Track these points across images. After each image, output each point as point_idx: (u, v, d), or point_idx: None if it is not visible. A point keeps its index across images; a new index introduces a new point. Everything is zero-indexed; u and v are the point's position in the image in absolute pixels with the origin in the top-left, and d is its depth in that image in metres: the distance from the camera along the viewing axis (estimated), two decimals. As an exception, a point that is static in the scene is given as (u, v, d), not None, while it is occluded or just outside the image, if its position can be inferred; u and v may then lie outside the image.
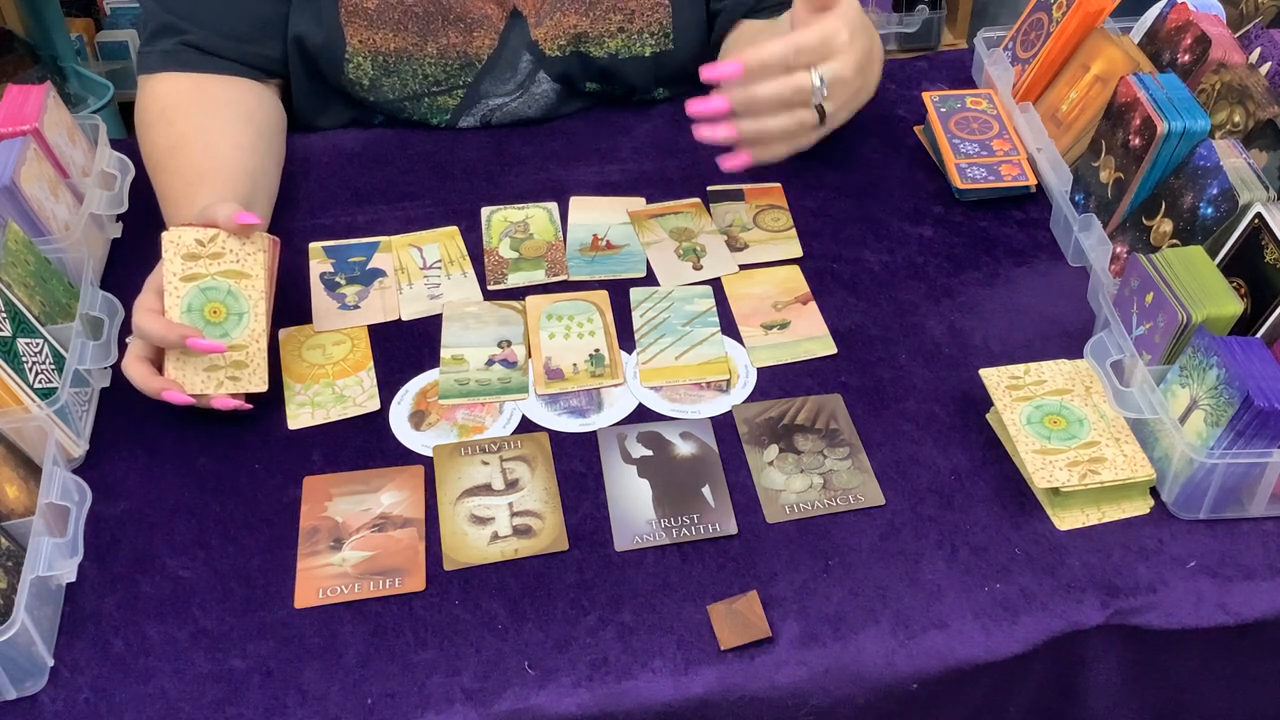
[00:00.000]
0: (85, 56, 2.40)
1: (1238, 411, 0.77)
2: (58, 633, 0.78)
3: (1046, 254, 1.07)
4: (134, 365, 0.89)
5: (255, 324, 0.89)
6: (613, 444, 0.89)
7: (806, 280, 1.04)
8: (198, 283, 0.88)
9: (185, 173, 1.02)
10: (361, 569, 0.81)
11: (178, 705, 0.73)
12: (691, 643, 0.76)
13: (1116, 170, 1.00)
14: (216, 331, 0.88)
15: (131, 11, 2.48)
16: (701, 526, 0.83)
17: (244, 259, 0.89)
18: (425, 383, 0.95)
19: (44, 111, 1.02)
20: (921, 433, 0.90)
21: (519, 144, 1.19)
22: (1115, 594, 0.79)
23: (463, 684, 0.74)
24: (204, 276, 0.88)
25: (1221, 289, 0.84)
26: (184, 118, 1.07)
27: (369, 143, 1.20)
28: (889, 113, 1.24)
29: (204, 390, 0.88)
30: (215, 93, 1.10)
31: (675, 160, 1.17)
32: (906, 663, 0.76)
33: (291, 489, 0.86)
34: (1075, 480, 0.83)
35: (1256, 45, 1.04)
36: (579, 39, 1.17)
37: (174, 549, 0.82)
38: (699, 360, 0.96)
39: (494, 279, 1.04)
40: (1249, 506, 0.83)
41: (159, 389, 0.88)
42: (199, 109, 1.08)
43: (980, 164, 1.11)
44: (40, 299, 0.91)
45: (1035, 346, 0.97)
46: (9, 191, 0.93)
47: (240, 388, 0.89)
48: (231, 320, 0.88)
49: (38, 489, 0.81)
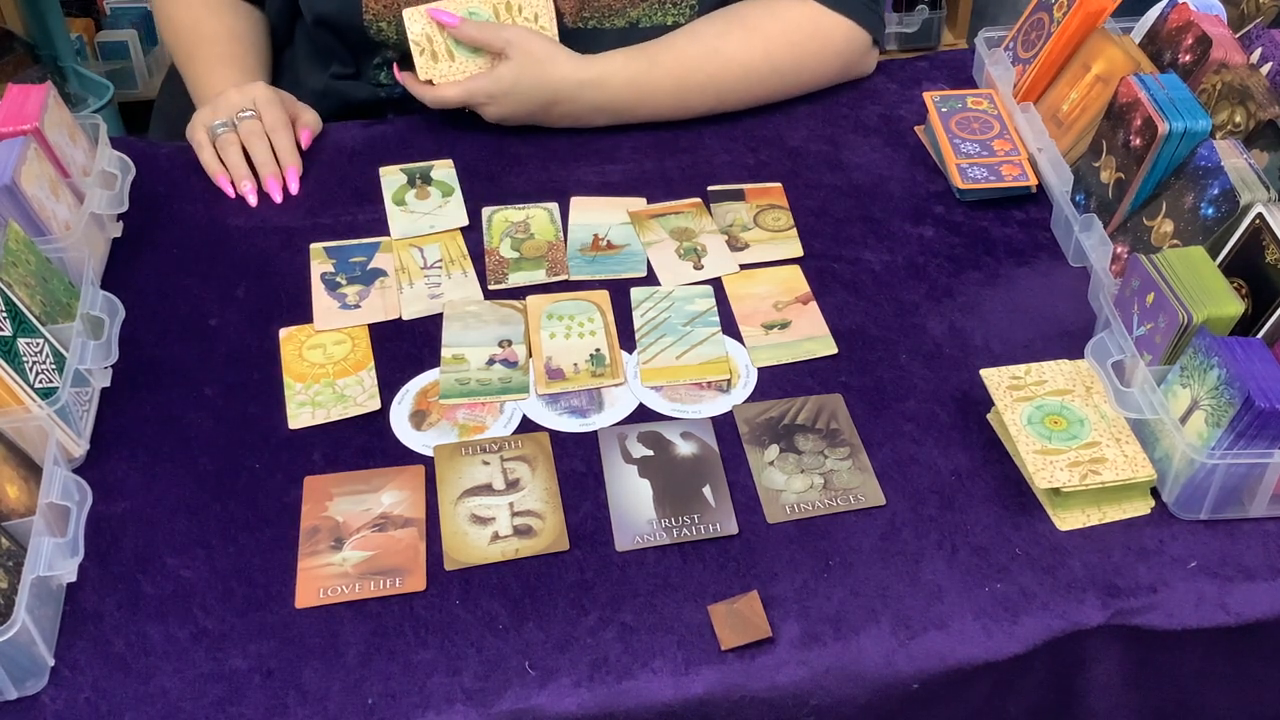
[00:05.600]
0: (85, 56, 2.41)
1: (1238, 412, 0.77)
2: (58, 632, 0.77)
3: (1047, 254, 1.07)
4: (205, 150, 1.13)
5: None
6: (613, 444, 0.89)
7: (807, 280, 1.04)
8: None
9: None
10: (362, 569, 0.81)
11: (178, 705, 0.73)
12: (692, 643, 0.76)
13: (1117, 170, 1.00)
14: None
15: (131, 11, 2.48)
16: (702, 526, 0.83)
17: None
18: (426, 382, 0.95)
19: (44, 111, 1.02)
20: (922, 433, 0.90)
21: (519, 144, 1.19)
22: (1116, 594, 0.79)
23: (463, 684, 0.74)
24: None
25: (1222, 289, 0.84)
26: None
27: (370, 142, 1.20)
28: (890, 113, 1.24)
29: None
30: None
31: (676, 160, 1.17)
32: (907, 663, 0.76)
33: (292, 489, 0.86)
34: (1076, 480, 0.83)
35: (1257, 45, 1.04)
36: (603, 12, 1.19)
37: (174, 549, 0.82)
38: (700, 360, 0.96)
39: (495, 279, 1.04)
40: (1250, 507, 0.83)
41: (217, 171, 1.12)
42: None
43: (981, 164, 1.11)
44: (41, 299, 0.91)
45: (1036, 347, 0.97)
46: (9, 191, 0.93)
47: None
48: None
49: (38, 489, 0.81)
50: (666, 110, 1.19)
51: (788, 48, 1.18)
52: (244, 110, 1.14)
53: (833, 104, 1.25)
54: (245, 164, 1.13)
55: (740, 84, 1.18)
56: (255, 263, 1.06)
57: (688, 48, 1.17)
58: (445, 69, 1.15)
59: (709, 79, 1.17)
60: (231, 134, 1.14)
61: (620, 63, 1.16)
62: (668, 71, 1.16)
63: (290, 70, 1.31)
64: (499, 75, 1.14)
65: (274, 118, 1.14)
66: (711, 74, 1.17)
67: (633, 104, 1.17)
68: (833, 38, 1.20)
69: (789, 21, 1.18)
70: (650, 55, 1.16)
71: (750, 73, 1.18)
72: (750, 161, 1.17)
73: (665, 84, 1.16)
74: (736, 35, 1.17)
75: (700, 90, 1.17)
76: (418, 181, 1.14)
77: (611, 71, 1.15)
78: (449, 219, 1.10)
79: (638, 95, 1.16)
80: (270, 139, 1.14)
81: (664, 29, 1.20)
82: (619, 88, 1.16)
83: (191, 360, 0.96)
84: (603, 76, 1.15)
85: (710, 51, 1.16)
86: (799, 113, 1.23)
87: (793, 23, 1.18)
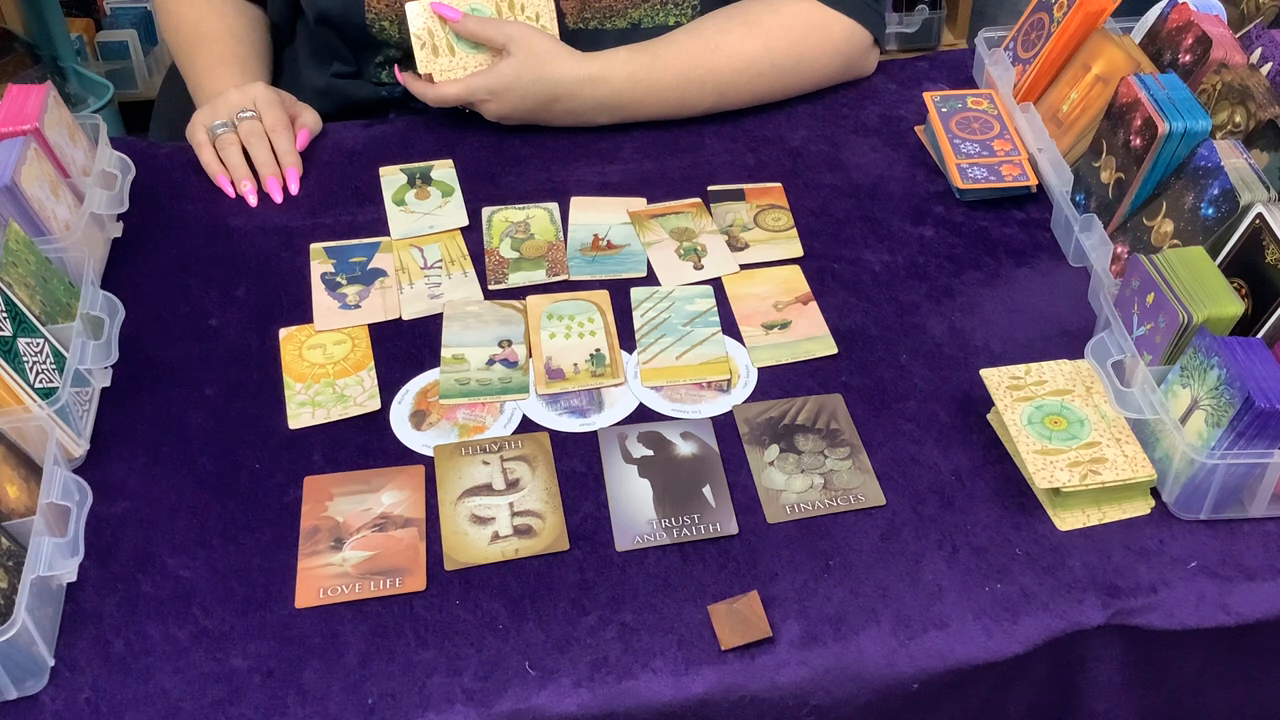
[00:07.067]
0: (85, 56, 2.40)
1: (1239, 412, 0.77)
2: (58, 632, 0.77)
3: (1047, 254, 1.07)
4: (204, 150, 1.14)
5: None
6: (613, 444, 0.89)
7: (807, 280, 1.04)
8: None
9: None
10: (362, 569, 0.81)
11: (178, 705, 0.73)
12: (692, 643, 0.76)
13: (1117, 170, 1.00)
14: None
15: (131, 11, 2.48)
16: (702, 526, 0.83)
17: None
18: (426, 382, 0.95)
19: (44, 111, 1.02)
20: (922, 433, 0.90)
21: (519, 144, 1.19)
22: (1116, 594, 0.79)
23: (463, 684, 0.74)
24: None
25: (1222, 289, 0.84)
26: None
27: (370, 142, 1.20)
28: (890, 113, 1.24)
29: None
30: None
31: (676, 160, 1.17)
32: (907, 663, 0.76)
33: (292, 489, 0.86)
34: (1076, 480, 0.83)
35: (1257, 46, 1.04)
36: (605, 12, 1.19)
37: (174, 549, 0.82)
38: (700, 360, 0.96)
39: (495, 279, 1.04)
40: (1250, 507, 0.83)
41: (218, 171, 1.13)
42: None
43: (981, 164, 1.11)
44: (41, 299, 0.91)
45: (1036, 347, 0.97)
46: (10, 191, 0.93)
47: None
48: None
49: (38, 489, 0.81)
50: (668, 107, 1.19)
51: (787, 43, 1.19)
52: (244, 110, 1.14)
53: (833, 104, 1.25)
54: (245, 164, 1.13)
55: (740, 79, 1.18)
56: (255, 263, 1.06)
57: (688, 43, 1.17)
58: (446, 64, 1.15)
59: (709, 74, 1.17)
60: (231, 134, 1.14)
61: (621, 59, 1.16)
62: (668, 67, 1.16)
63: (291, 69, 1.31)
64: (500, 71, 1.14)
65: (274, 118, 1.15)
66: (711, 68, 1.17)
67: (634, 101, 1.17)
68: (832, 34, 1.20)
69: (789, 17, 1.19)
70: (651, 51, 1.16)
71: (750, 67, 1.18)
72: (750, 161, 1.17)
73: (666, 80, 1.16)
74: (737, 31, 1.17)
75: (701, 86, 1.17)
76: (418, 181, 1.14)
77: (613, 68, 1.15)
78: (449, 219, 1.10)
79: (639, 92, 1.16)
80: (270, 139, 1.14)
81: (665, 29, 1.20)
82: (620, 84, 1.16)
83: (191, 360, 0.96)
84: (604, 73, 1.15)
85: (710, 47, 1.17)
86: (799, 113, 1.23)
87: (793, 19, 1.19)
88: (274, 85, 1.20)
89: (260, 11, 1.30)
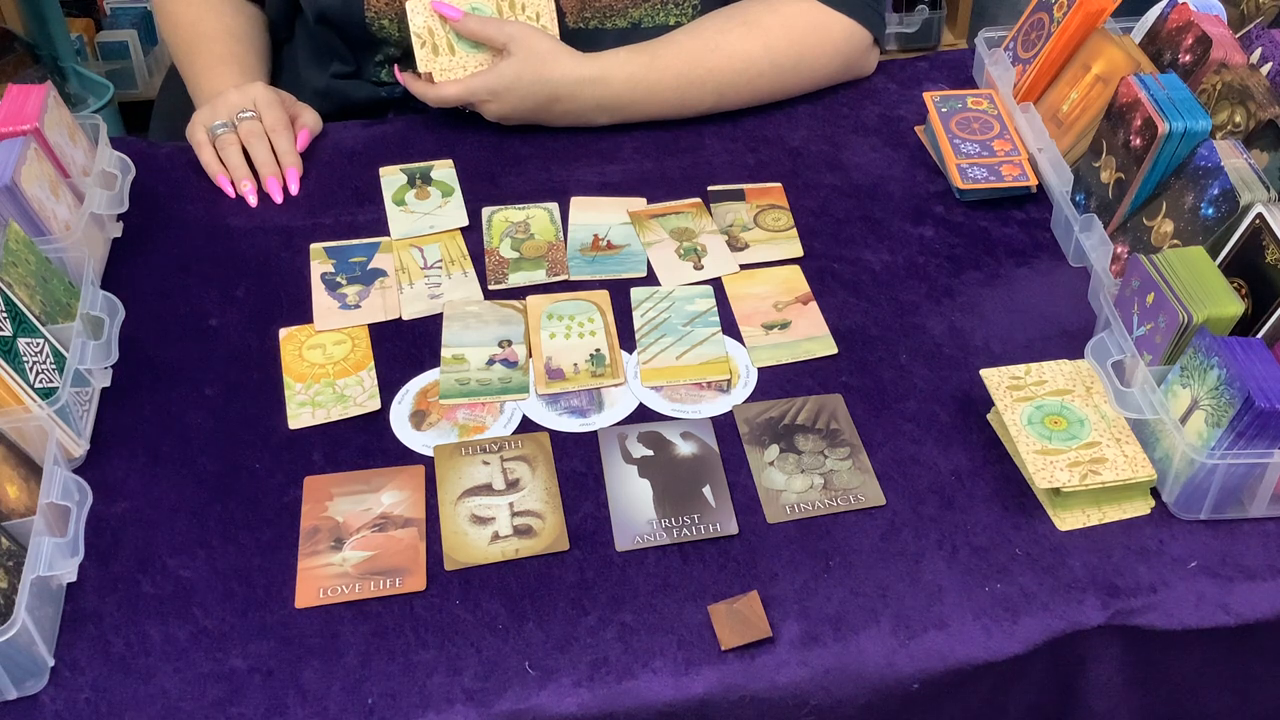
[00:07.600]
0: (85, 56, 2.40)
1: (1239, 412, 0.77)
2: (58, 632, 0.77)
3: (1047, 254, 1.07)
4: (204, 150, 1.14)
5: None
6: (613, 444, 0.89)
7: (807, 280, 1.04)
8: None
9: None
10: (362, 569, 0.81)
11: (178, 705, 0.73)
12: (692, 643, 0.76)
13: (1117, 170, 1.00)
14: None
15: (131, 11, 2.48)
16: (702, 526, 0.83)
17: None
18: (426, 382, 0.95)
19: (44, 111, 1.02)
20: (922, 433, 0.90)
21: (519, 144, 1.19)
22: (1116, 594, 0.79)
23: (463, 684, 0.74)
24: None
25: (1222, 289, 0.84)
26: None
27: (370, 142, 1.20)
28: (890, 113, 1.24)
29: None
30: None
31: (676, 160, 1.17)
32: (907, 663, 0.76)
33: (292, 489, 0.86)
34: (1076, 480, 0.83)
35: (1257, 45, 1.04)
36: (605, 12, 1.20)
37: (174, 549, 0.82)
38: (700, 360, 0.96)
39: (495, 279, 1.04)
40: (1250, 507, 0.83)
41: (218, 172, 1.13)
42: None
43: (981, 164, 1.11)
44: (41, 299, 0.91)
45: (1036, 347, 0.97)
46: (10, 191, 0.93)
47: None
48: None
49: (38, 489, 0.81)
50: (668, 107, 1.19)
51: (787, 42, 1.19)
52: (244, 110, 1.14)
53: (833, 104, 1.25)
54: (245, 164, 1.13)
55: (740, 78, 1.18)
56: (255, 263, 1.06)
57: (688, 44, 1.17)
58: (446, 63, 1.15)
59: (709, 73, 1.17)
60: (231, 134, 1.14)
61: (621, 60, 1.16)
62: (668, 67, 1.16)
63: (290, 68, 1.31)
64: (500, 71, 1.14)
65: (274, 118, 1.15)
66: (711, 68, 1.17)
67: (634, 101, 1.17)
68: (832, 34, 1.20)
69: (789, 17, 1.19)
70: (651, 52, 1.16)
71: (750, 66, 1.18)
72: (750, 161, 1.17)
73: (666, 80, 1.16)
74: (736, 31, 1.17)
75: (701, 86, 1.17)
76: (418, 181, 1.14)
77: (613, 68, 1.15)
78: (449, 219, 1.10)
79: (639, 92, 1.16)
80: (270, 139, 1.14)
81: (666, 29, 1.20)
82: (620, 84, 1.16)
83: (191, 360, 0.96)
84: (604, 73, 1.15)
85: (710, 47, 1.17)
86: (799, 113, 1.23)
87: (792, 18, 1.19)
88: (273, 85, 1.20)
89: (258, 10, 1.30)
